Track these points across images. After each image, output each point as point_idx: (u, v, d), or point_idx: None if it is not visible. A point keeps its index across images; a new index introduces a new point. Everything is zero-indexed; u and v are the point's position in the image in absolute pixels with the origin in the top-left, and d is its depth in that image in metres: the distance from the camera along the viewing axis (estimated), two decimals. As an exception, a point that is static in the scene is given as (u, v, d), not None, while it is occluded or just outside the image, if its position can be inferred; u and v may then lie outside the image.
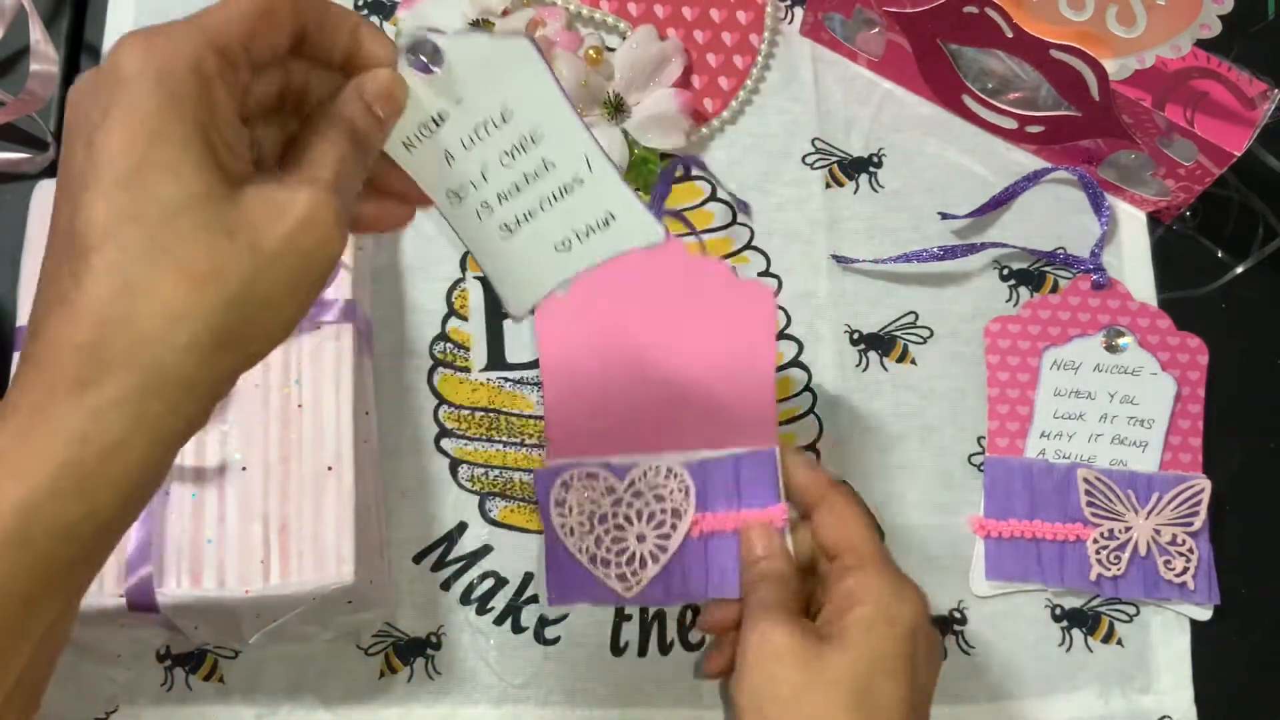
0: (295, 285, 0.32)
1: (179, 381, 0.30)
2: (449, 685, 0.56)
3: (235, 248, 0.30)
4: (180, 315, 0.29)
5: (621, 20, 0.66)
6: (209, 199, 0.30)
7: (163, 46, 0.31)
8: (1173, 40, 0.54)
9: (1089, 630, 0.58)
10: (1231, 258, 0.64)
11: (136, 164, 0.30)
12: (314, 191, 0.32)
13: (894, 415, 0.61)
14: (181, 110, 0.31)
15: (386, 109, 0.36)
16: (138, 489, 0.30)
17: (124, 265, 0.29)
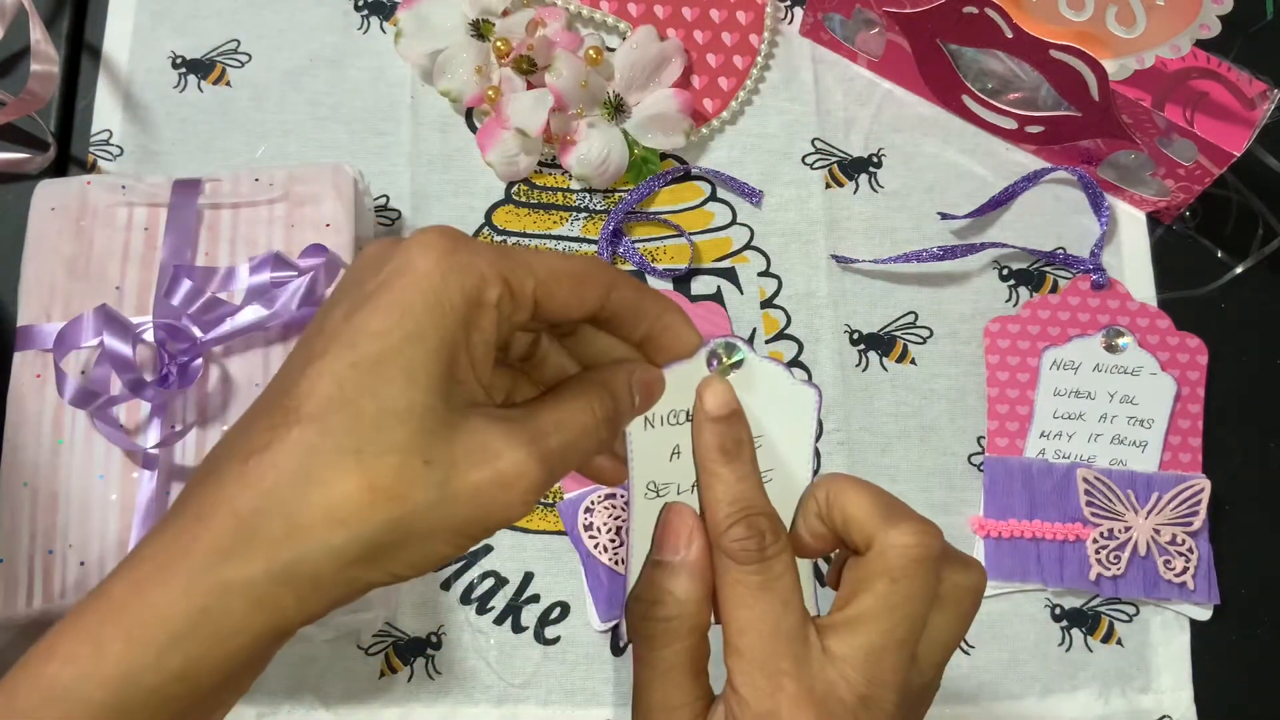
0: (461, 529, 0.30)
1: (312, 580, 0.29)
2: (449, 685, 0.56)
3: (425, 476, 0.29)
4: (343, 520, 0.29)
5: (621, 20, 0.66)
6: (426, 418, 0.30)
7: (461, 258, 0.31)
8: (1172, 40, 0.54)
9: (1089, 630, 0.58)
10: (1231, 258, 0.64)
11: (379, 357, 0.30)
12: (527, 456, 0.31)
13: (894, 415, 0.61)
14: (445, 323, 0.30)
15: (642, 401, 0.36)
16: (240, 674, 0.30)
17: (318, 451, 0.29)
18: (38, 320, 0.54)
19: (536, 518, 0.59)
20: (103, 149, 0.64)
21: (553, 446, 0.32)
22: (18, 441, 0.53)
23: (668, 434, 0.38)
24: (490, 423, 0.31)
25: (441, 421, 0.30)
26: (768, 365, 0.38)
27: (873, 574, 0.35)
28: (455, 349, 0.30)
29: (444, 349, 0.30)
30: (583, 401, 0.34)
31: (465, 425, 0.31)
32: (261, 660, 0.30)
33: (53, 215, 0.56)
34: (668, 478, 0.38)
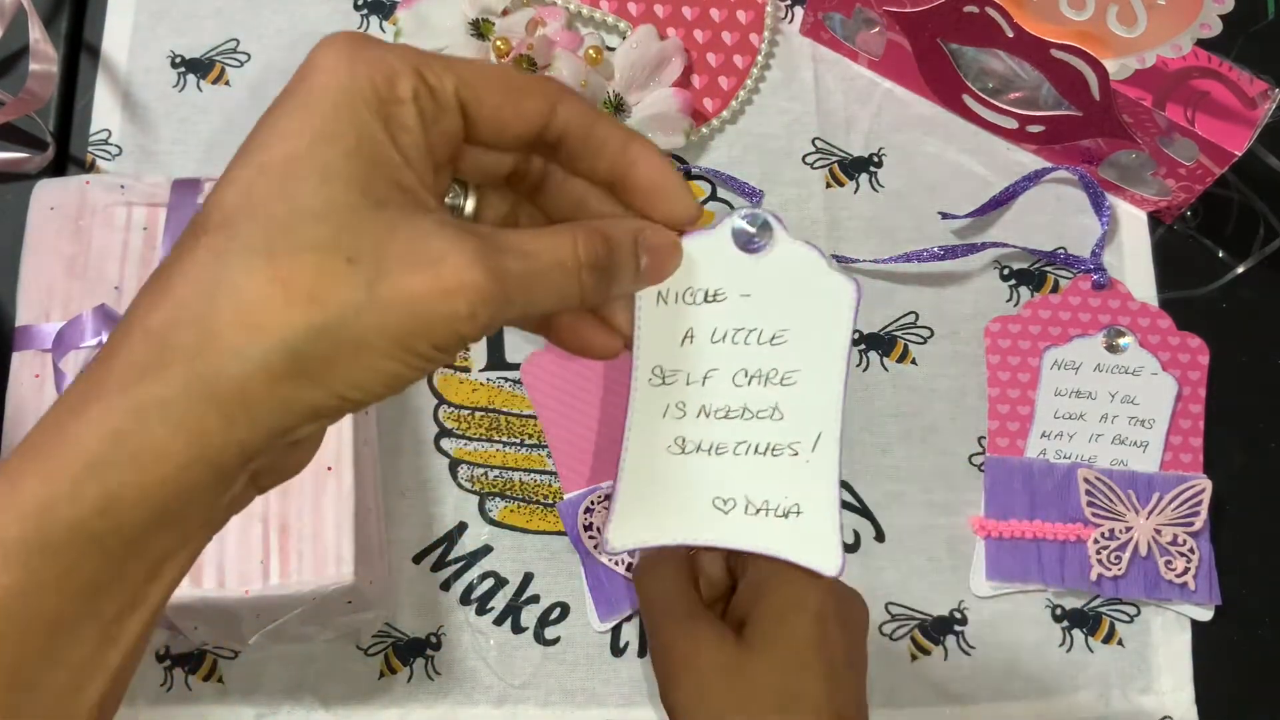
0: (401, 343, 0.27)
1: (238, 398, 0.26)
2: (449, 685, 0.56)
3: (347, 276, 0.26)
4: (258, 325, 0.26)
5: (621, 20, 0.66)
6: (348, 215, 0.27)
7: (369, 53, 0.29)
8: (1173, 40, 0.53)
9: (1089, 631, 0.58)
10: (1232, 258, 0.64)
11: (288, 157, 0.27)
12: (472, 263, 0.27)
13: (894, 415, 0.61)
14: (359, 118, 0.28)
15: (650, 267, 0.32)
16: (175, 506, 0.27)
17: (227, 257, 0.26)
18: (36, 320, 0.54)
19: (536, 518, 0.58)
20: (101, 149, 0.64)
21: (510, 266, 0.28)
22: (17, 442, 0.53)
23: (682, 313, 0.33)
24: (436, 227, 0.28)
25: (369, 220, 0.27)
26: (800, 248, 0.34)
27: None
28: (378, 146, 0.28)
29: (363, 146, 0.28)
30: (566, 236, 0.30)
31: (401, 225, 0.28)
32: (204, 505, 0.28)
33: (51, 215, 0.56)
34: (677, 364, 0.34)
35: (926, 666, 0.57)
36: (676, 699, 0.40)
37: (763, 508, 0.35)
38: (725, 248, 0.34)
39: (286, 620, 0.51)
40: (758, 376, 0.34)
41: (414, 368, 0.28)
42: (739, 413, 0.34)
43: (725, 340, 0.34)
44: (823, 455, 0.34)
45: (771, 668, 0.39)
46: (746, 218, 0.34)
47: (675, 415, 0.34)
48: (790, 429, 0.34)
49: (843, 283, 0.34)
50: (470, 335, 0.28)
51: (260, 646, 0.53)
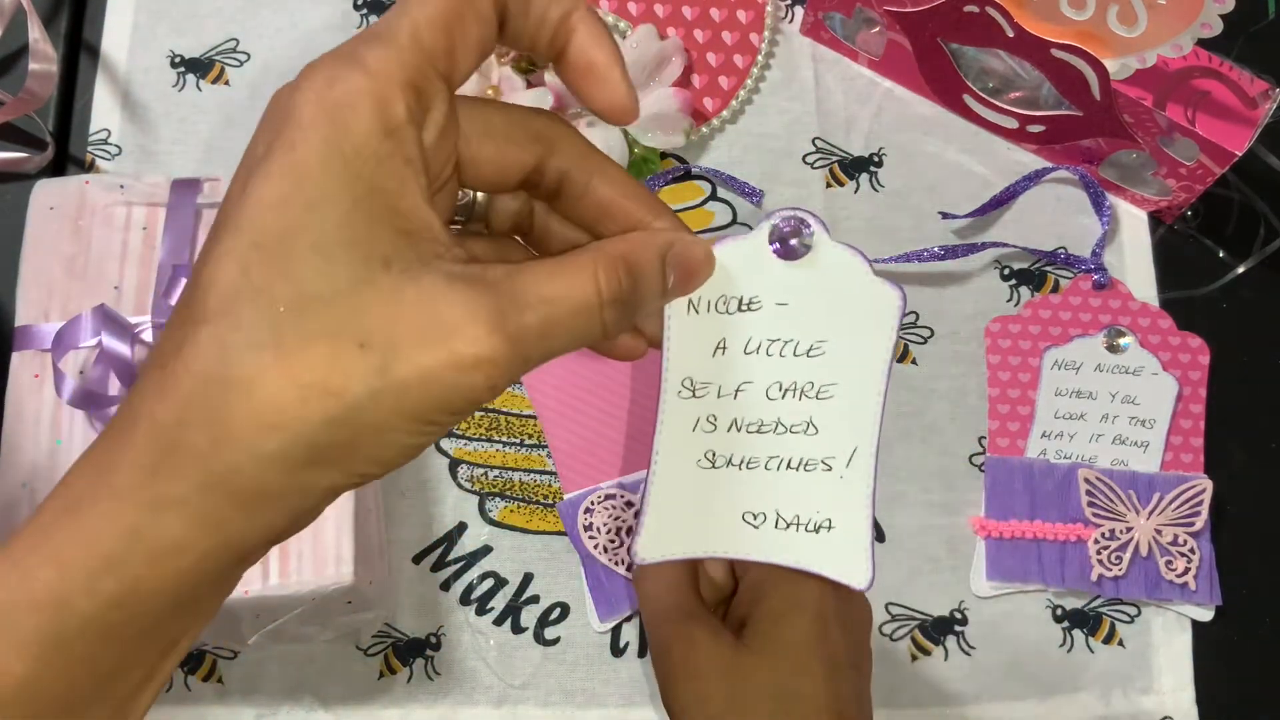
0: (419, 419, 0.26)
1: (257, 491, 0.25)
2: (448, 686, 0.56)
3: (361, 363, 0.25)
4: (273, 424, 0.25)
5: (621, 20, 0.66)
6: (353, 292, 0.25)
7: (343, 87, 0.26)
8: (1174, 39, 0.53)
9: (1090, 631, 0.58)
10: (1233, 258, 0.64)
11: (284, 229, 0.25)
12: (489, 333, 0.26)
13: (894, 415, 0.61)
14: (351, 174, 0.26)
15: (678, 282, 0.31)
16: (193, 596, 0.26)
17: (231, 349, 0.25)
18: (36, 320, 0.54)
19: (536, 518, 0.58)
20: (101, 148, 0.64)
21: (528, 323, 0.27)
22: (15, 442, 0.53)
23: (714, 323, 0.32)
24: (448, 286, 0.26)
25: (379, 293, 0.26)
26: (843, 253, 0.32)
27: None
28: (375, 198, 0.26)
29: (360, 204, 0.26)
30: (587, 272, 0.28)
31: (412, 292, 0.26)
32: (223, 581, 0.27)
33: (51, 215, 0.56)
34: (708, 376, 0.32)
35: (927, 667, 0.57)
36: (676, 700, 0.40)
37: (793, 522, 0.34)
38: (762, 253, 0.32)
39: (286, 620, 0.51)
40: (793, 390, 0.33)
41: (431, 435, 0.27)
42: (772, 427, 0.33)
43: (759, 351, 0.33)
44: (857, 471, 0.33)
45: (770, 668, 0.39)
46: (786, 220, 0.32)
47: (706, 429, 0.33)
48: (825, 444, 0.33)
49: (887, 291, 0.32)
50: (486, 400, 0.27)
51: (260, 647, 0.53)
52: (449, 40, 0.27)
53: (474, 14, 0.28)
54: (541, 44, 0.30)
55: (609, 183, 0.31)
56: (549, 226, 0.32)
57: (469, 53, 0.28)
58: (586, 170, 0.31)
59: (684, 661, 0.39)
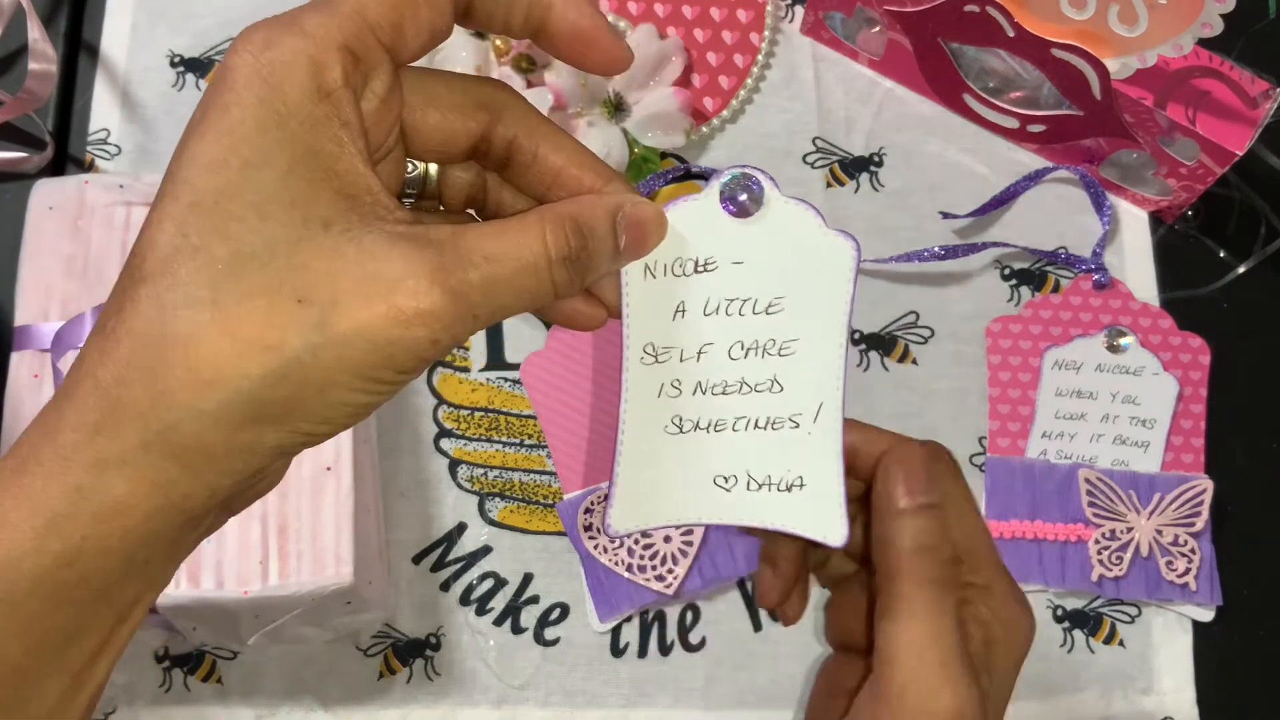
0: (362, 375, 0.26)
1: (199, 449, 0.25)
2: (448, 686, 0.56)
3: (299, 317, 0.25)
4: (211, 380, 0.25)
5: (621, 19, 0.66)
6: (290, 250, 0.26)
7: (280, 49, 0.26)
8: (1174, 39, 0.53)
9: (1091, 631, 0.58)
10: (1233, 257, 0.64)
11: (220, 189, 0.26)
12: (430, 285, 0.26)
13: (895, 415, 0.61)
14: (288, 135, 0.26)
15: (631, 243, 0.30)
16: (143, 552, 0.26)
17: (169, 307, 0.25)
18: (35, 320, 0.54)
19: (536, 518, 0.58)
20: (100, 148, 0.63)
21: (472, 279, 0.27)
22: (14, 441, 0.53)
23: (671, 286, 0.32)
24: (390, 243, 0.26)
25: (315, 249, 0.26)
26: (795, 208, 0.32)
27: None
28: (314, 159, 0.26)
29: (298, 165, 0.26)
30: (534, 231, 0.28)
31: (353, 250, 0.26)
32: (175, 545, 0.27)
33: (50, 214, 0.56)
34: (669, 340, 0.32)
35: (927, 667, 0.57)
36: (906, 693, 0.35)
37: (765, 483, 0.33)
38: (714, 213, 0.32)
39: (285, 621, 0.51)
40: (755, 348, 0.33)
41: (379, 394, 0.27)
42: (737, 387, 0.33)
43: (719, 312, 0.33)
44: (825, 426, 0.33)
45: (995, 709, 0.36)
46: (735, 178, 0.32)
47: (670, 394, 0.33)
48: (790, 401, 0.33)
49: (841, 242, 0.33)
50: (434, 357, 0.27)
51: (259, 647, 0.53)
52: (396, 15, 0.27)
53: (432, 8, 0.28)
54: (516, 22, 0.30)
55: (557, 150, 0.31)
56: (502, 199, 0.32)
57: (418, 31, 0.28)
58: (534, 137, 0.30)
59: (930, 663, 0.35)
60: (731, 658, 0.57)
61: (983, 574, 0.35)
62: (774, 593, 0.36)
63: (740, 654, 0.57)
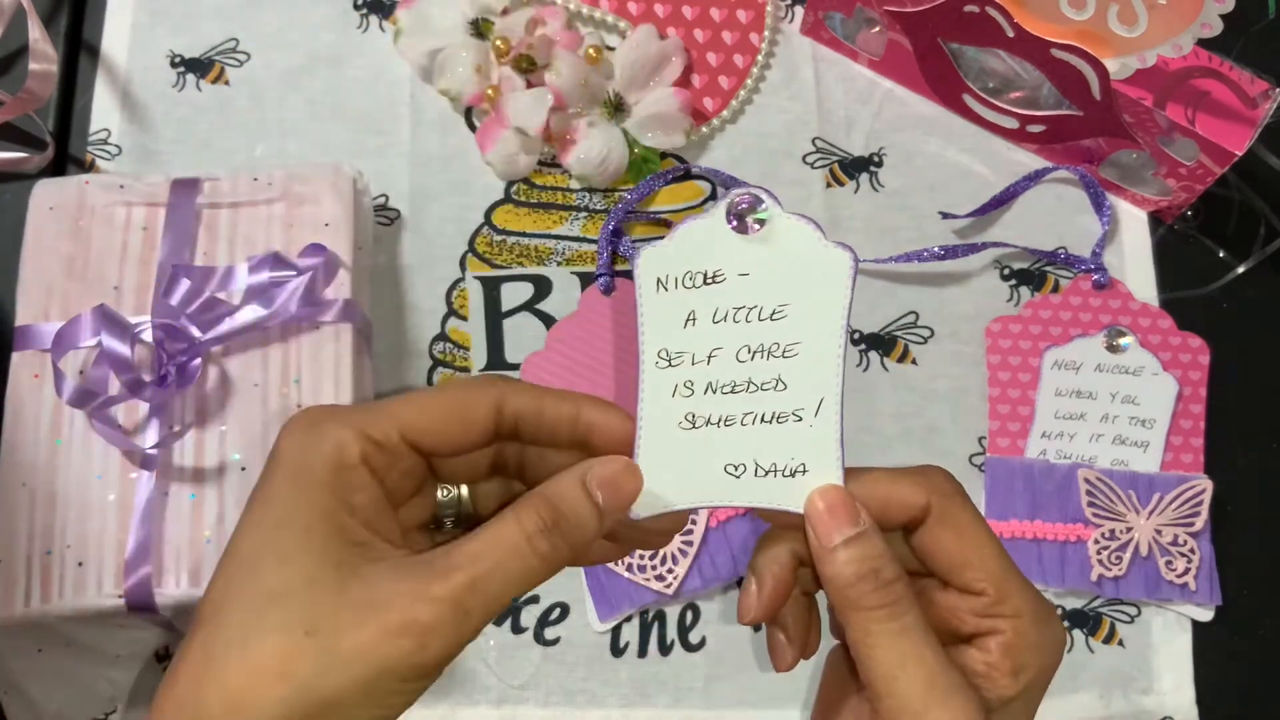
0: (368, 690, 0.30)
1: None
2: (449, 685, 0.56)
3: (307, 646, 0.30)
4: (237, 707, 0.30)
5: (621, 19, 0.66)
6: (304, 590, 0.31)
7: (317, 431, 0.32)
8: (1174, 39, 0.53)
9: (1090, 631, 0.58)
10: (1233, 257, 0.64)
11: (257, 548, 0.31)
12: (413, 600, 0.31)
13: (894, 415, 0.61)
14: (311, 498, 0.32)
15: (609, 498, 0.34)
16: None
17: (212, 649, 0.30)
18: (36, 320, 0.54)
19: (536, 518, 0.58)
20: (101, 148, 0.64)
21: (456, 582, 0.31)
22: (16, 442, 0.53)
23: (682, 297, 0.35)
24: (387, 574, 0.31)
25: (328, 588, 0.31)
26: (796, 223, 0.35)
27: None
28: (331, 517, 0.32)
29: (317, 522, 0.31)
30: (509, 521, 0.33)
31: (357, 584, 0.31)
32: None
33: (51, 215, 0.56)
34: (682, 346, 0.36)
35: (927, 667, 0.57)
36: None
37: (771, 470, 0.36)
38: (721, 230, 0.35)
39: (286, 621, 0.51)
40: (760, 351, 0.36)
41: (390, 708, 0.31)
42: (744, 386, 0.36)
43: (727, 320, 0.36)
44: (825, 418, 0.36)
45: None
46: (740, 198, 0.35)
47: (684, 394, 0.36)
48: (794, 397, 0.36)
49: (839, 254, 0.35)
50: (431, 663, 0.31)
51: (260, 647, 0.53)
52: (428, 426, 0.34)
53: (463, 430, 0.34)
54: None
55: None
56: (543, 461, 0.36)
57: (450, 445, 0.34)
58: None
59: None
60: (731, 658, 0.57)
61: (1009, 603, 0.36)
62: (754, 610, 0.38)
63: (740, 654, 0.57)
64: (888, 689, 0.34)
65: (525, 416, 0.35)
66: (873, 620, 0.35)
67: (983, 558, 0.36)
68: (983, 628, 0.36)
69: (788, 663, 0.39)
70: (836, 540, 0.35)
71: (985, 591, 0.36)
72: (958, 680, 0.35)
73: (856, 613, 0.35)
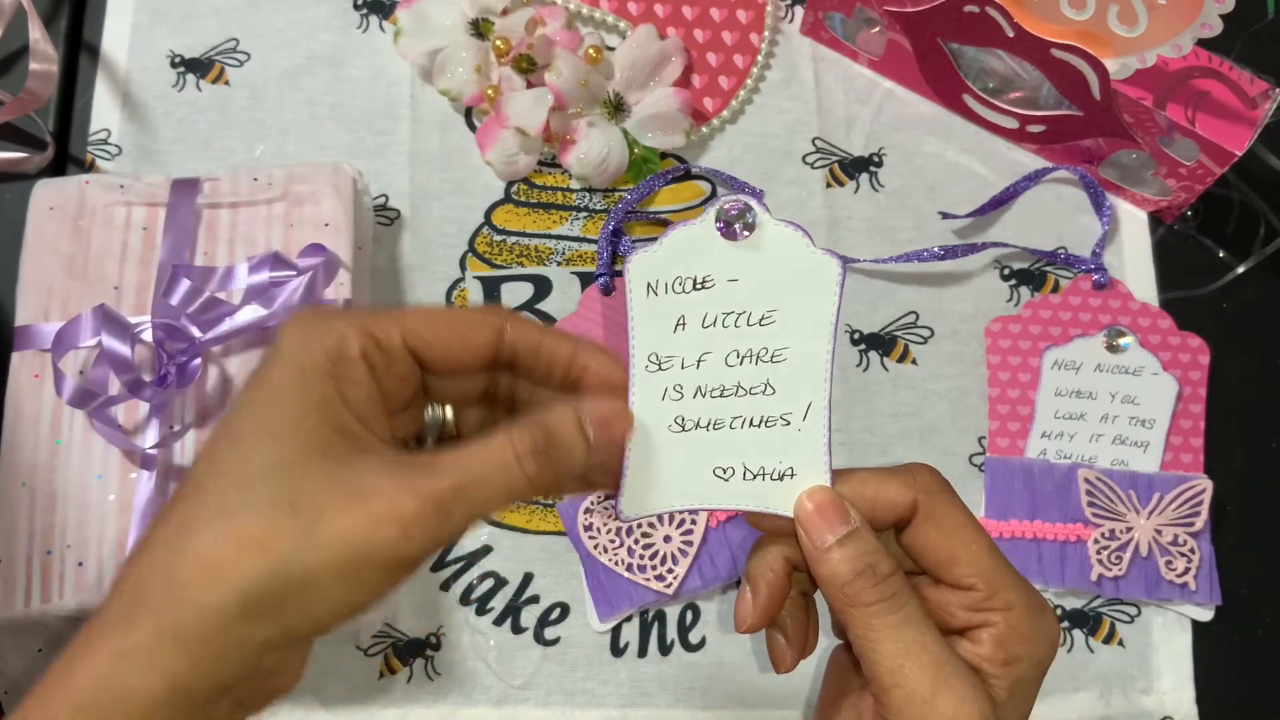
0: (344, 575, 0.31)
1: (199, 640, 0.30)
2: (448, 686, 0.56)
3: (290, 523, 0.30)
4: (213, 575, 0.30)
5: (621, 19, 0.66)
6: (296, 471, 0.31)
7: (320, 324, 0.33)
8: (1174, 39, 0.53)
9: (1090, 631, 0.58)
10: (1233, 257, 0.64)
11: (250, 428, 0.32)
12: (400, 490, 0.31)
13: (894, 415, 0.61)
14: (308, 383, 0.32)
15: (600, 435, 0.34)
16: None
17: (191, 518, 0.31)
18: (36, 320, 0.54)
19: (536, 518, 0.58)
20: (101, 148, 0.64)
21: (444, 484, 0.31)
22: (16, 441, 0.53)
23: (673, 302, 0.36)
24: (376, 466, 0.32)
25: (315, 471, 0.31)
26: (785, 230, 0.35)
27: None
28: (326, 404, 0.32)
29: (312, 407, 0.32)
30: (501, 438, 0.33)
31: (344, 472, 0.31)
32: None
33: (51, 215, 0.56)
34: (671, 350, 0.36)
35: (927, 667, 0.57)
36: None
37: (759, 473, 0.36)
38: (710, 236, 0.36)
39: (286, 620, 0.51)
40: (749, 356, 0.36)
41: (364, 594, 0.31)
42: (733, 390, 0.36)
43: (716, 325, 0.36)
44: (813, 422, 0.36)
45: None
46: (729, 205, 0.36)
47: (674, 397, 0.36)
48: (782, 402, 0.36)
49: (826, 261, 0.35)
50: (411, 554, 0.31)
51: (260, 647, 0.53)
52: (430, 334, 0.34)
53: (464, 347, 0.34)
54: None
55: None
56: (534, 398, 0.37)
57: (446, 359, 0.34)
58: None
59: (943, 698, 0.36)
60: (731, 658, 0.57)
61: (1000, 596, 0.36)
62: (751, 618, 0.38)
63: (740, 654, 0.57)
64: (894, 679, 0.35)
65: (524, 347, 0.35)
66: (873, 615, 0.35)
67: (972, 553, 0.36)
68: (974, 621, 0.36)
69: (788, 664, 0.39)
70: (829, 540, 0.36)
71: (975, 586, 0.36)
72: (962, 666, 0.35)
73: (856, 609, 0.35)
